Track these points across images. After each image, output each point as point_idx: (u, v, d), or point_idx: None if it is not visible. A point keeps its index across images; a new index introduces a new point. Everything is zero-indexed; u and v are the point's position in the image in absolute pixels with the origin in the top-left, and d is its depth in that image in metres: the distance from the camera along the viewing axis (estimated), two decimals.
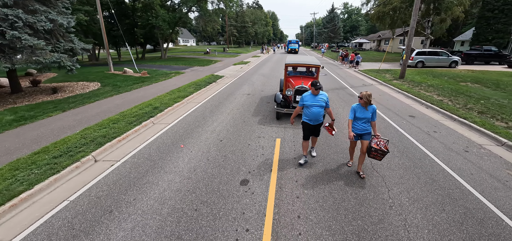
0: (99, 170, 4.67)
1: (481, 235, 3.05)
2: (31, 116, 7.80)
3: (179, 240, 2.95)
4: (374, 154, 4.02)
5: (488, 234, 3.08)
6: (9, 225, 3.34)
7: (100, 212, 3.49)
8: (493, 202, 3.69)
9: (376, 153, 3.99)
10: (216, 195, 3.77)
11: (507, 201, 3.71)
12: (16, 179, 4.21)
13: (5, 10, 8.54)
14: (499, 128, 6.56)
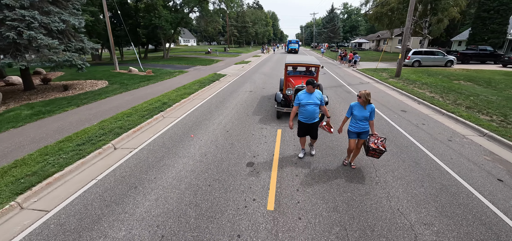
0: (119, 155, 5.23)
1: (452, 205, 3.61)
2: (48, 111, 8.36)
3: (197, 207, 3.50)
4: (372, 153, 4.09)
5: (459, 204, 3.64)
6: (49, 198, 3.90)
7: (126, 187, 4.05)
8: (467, 180, 4.25)
9: (374, 152, 4.07)
10: (226, 174, 4.33)
11: (479, 180, 4.26)
12: (48, 162, 4.76)
13: (22, 12, 9.09)
14: (483, 120, 7.12)
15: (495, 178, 4.33)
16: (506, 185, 4.15)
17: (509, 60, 20.92)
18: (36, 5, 9.74)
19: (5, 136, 6.34)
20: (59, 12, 10.55)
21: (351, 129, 4.24)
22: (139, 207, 3.55)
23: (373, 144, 4.03)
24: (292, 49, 42.21)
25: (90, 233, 3.12)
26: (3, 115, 8.14)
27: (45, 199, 3.87)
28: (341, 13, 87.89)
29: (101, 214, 3.44)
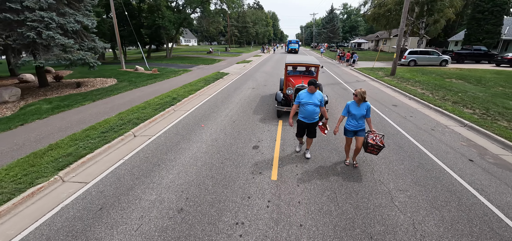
0: (140, 141, 5.93)
1: (425, 177, 4.31)
2: (66, 105, 9.06)
3: (212, 179, 4.21)
4: (371, 149, 4.19)
5: (431, 177, 4.34)
6: (85, 174, 4.59)
7: (150, 165, 4.76)
8: (442, 160, 4.95)
9: (372, 148, 4.16)
10: (235, 154, 5.04)
11: (452, 160, 4.96)
12: (79, 146, 5.46)
13: (41, 13, 9.80)
14: (466, 113, 7.83)
15: (467, 159, 5.04)
16: (475, 164, 4.85)
17: (502, 59, 21.65)
18: (53, 7, 10.44)
19: (33, 125, 7.04)
20: (73, 14, 11.25)
21: (348, 127, 4.33)
22: (164, 179, 4.26)
23: (372, 140, 4.14)
24: (292, 49, 42.72)
25: (126, 197, 3.82)
26: (26, 109, 8.85)
27: (82, 174, 4.57)
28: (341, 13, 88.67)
29: (133, 184, 4.14)
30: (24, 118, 7.61)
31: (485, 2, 25.45)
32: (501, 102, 9.33)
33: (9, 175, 4.32)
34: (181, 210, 3.46)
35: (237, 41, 71.45)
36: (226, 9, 35.94)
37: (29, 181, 4.14)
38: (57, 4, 10.53)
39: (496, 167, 4.75)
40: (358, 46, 61.87)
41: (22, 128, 6.91)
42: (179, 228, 3.15)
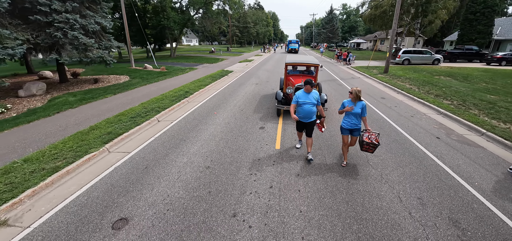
0: (164, 125, 7.05)
1: (398, 149, 5.42)
2: (91, 97, 10.18)
3: (229, 148, 5.34)
4: (366, 147, 4.27)
5: (402, 148, 5.45)
6: (126, 147, 5.70)
7: (177, 140, 5.88)
8: (414, 137, 6.07)
9: (368, 146, 4.25)
10: (245, 133, 6.17)
11: (423, 137, 6.08)
12: (115, 127, 6.58)
13: (67, 15, 10.92)
14: (444, 104, 8.96)
15: (434, 137, 6.17)
16: (440, 140, 5.98)
17: (491, 58, 22.78)
18: (76, 10, 11.57)
19: (68, 113, 8.17)
20: (93, 16, 12.38)
21: (344, 125, 4.45)
22: (191, 149, 5.38)
23: (367, 138, 4.24)
24: (292, 49, 43.51)
25: (164, 160, 4.95)
26: (55, 101, 9.97)
27: (123, 147, 5.69)
28: (340, 13, 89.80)
29: (167, 152, 5.27)
30: (57, 108, 8.73)
31: (477, 4, 26.57)
32: (479, 95, 10.45)
33: (66, 146, 5.45)
34: (208, 167, 4.59)
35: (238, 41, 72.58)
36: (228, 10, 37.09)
37: (84, 150, 5.26)
38: (79, 7, 11.66)
39: (457, 142, 5.88)
40: (357, 46, 63.04)
41: (59, 115, 8.03)
42: (208, 177, 4.28)
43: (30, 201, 3.85)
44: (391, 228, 3.17)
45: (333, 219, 3.32)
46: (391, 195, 3.81)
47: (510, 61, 22.20)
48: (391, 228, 3.16)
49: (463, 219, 3.35)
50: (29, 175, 4.32)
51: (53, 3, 10.55)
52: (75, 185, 4.21)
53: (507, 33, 28.51)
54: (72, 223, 3.32)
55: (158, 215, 3.41)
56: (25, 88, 11.08)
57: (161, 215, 3.40)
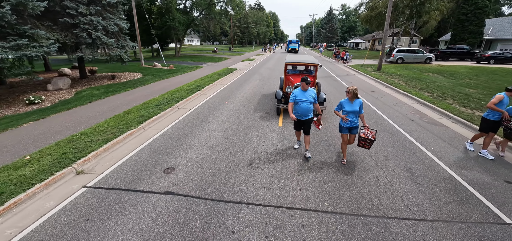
0: (184, 111, 8.36)
1: (379, 129, 6.73)
2: (113, 91, 11.48)
3: (241, 127, 6.65)
4: (362, 143, 4.39)
5: (382, 128, 6.76)
6: (157, 126, 7.01)
7: (198, 121, 7.20)
8: (392, 119, 7.38)
9: (364, 142, 4.35)
10: (253, 116, 7.49)
11: (399, 119, 7.39)
12: (144, 112, 7.88)
13: (91, 18, 12.24)
14: (425, 95, 10.26)
15: (409, 119, 7.48)
16: (414, 122, 7.29)
17: (481, 57, 24.11)
18: (99, 13, 12.89)
19: (99, 102, 9.48)
20: (112, 18, 13.70)
21: (343, 124, 4.51)
22: (211, 127, 6.70)
23: (364, 134, 4.36)
24: (292, 49, 44.44)
25: (190, 134, 6.26)
26: (81, 94, 11.28)
27: (155, 127, 7.00)
28: (340, 13, 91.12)
29: (192, 129, 6.59)
30: (87, 99, 10.04)
31: (468, 5, 27.89)
32: (459, 89, 11.75)
33: (110, 125, 6.76)
34: (226, 138, 5.92)
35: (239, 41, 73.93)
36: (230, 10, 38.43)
37: (125, 128, 6.57)
38: (101, 10, 12.99)
39: (427, 123, 7.19)
40: (356, 46, 64.36)
41: (91, 104, 9.34)
42: (228, 143, 5.60)
43: (95, 159, 5.17)
44: (361, 170, 4.49)
45: (322, 166, 4.63)
46: (364, 154, 5.13)
47: (498, 59, 23.53)
48: (361, 171, 4.48)
49: (414, 168, 4.67)
50: (89, 143, 5.63)
51: (79, 6, 11.88)
52: (126, 150, 5.52)
53: (498, 33, 29.84)
54: (134, 170, 4.63)
55: (195, 165, 4.73)
56: (53, 83, 12.40)
57: (198, 165, 4.73)
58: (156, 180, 4.27)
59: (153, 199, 3.77)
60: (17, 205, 3.78)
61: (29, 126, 7.04)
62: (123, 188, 4.09)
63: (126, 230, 3.16)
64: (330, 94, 10.72)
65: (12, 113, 8.81)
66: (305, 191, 3.92)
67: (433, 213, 3.46)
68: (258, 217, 3.34)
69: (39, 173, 4.40)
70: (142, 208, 3.58)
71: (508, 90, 4.88)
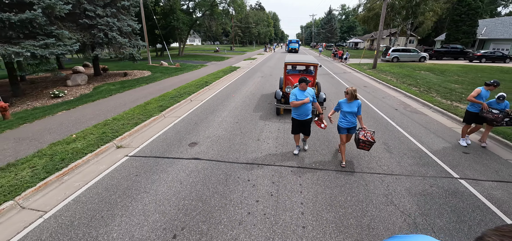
0: (196, 103, 9.44)
1: (365, 115, 7.81)
2: (128, 86, 12.55)
3: (248, 113, 7.74)
4: (362, 145, 4.35)
5: (369, 115, 7.84)
6: (176, 114, 8.09)
7: (210, 110, 8.28)
8: (379, 109, 8.46)
9: (364, 144, 4.32)
10: (258, 106, 8.57)
11: (386, 109, 8.47)
12: (162, 103, 8.96)
13: (108, 19, 13.33)
14: (412, 90, 11.33)
15: (394, 109, 8.56)
16: (398, 111, 8.37)
17: (473, 56, 25.18)
18: (114, 14, 13.98)
19: (119, 95, 10.56)
20: (125, 19, 14.79)
21: (341, 125, 4.54)
22: (222, 114, 7.79)
23: (363, 136, 4.31)
24: (293, 49, 45.22)
25: (205, 119, 7.34)
26: (99, 89, 12.35)
27: (173, 114, 8.08)
28: (339, 14, 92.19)
29: (206, 116, 7.68)
30: (107, 93, 11.11)
31: (462, 6, 28.96)
32: (445, 85, 12.81)
33: (135, 113, 7.84)
34: (237, 122, 7.01)
35: (240, 40, 75.01)
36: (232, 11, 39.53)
37: (148, 115, 7.65)
38: (116, 12, 14.07)
39: (409, 112, 8.27)
40: (355, 46, 65.43)
41: (112, 97, 10.42)
42: (238, 126, 6.69)
43: (129, 138, 6.25)
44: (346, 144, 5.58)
45: (315, 140, 5.71)
46: None
47: (489, 58, 24.61)
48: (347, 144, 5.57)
49: (391, 143, 5.75)
50: (121, 126, 6.71)
51: (97, 9, 12.97)
52: (153, 131, 6.61)
53: (491, 33, 30.90)
54: (164, 145, 5.72)
55: (213, 141, 5.82)
56: (72, 79, 13.49)
57: (215, 141, 5.81)
58: (184, 151, 5.36)
59: (184, 163, 4.85)
60: (78, 167, 4.86)
61: (63, 114, 8.13)
62: (158, 156, 5.18)
63: (168, 180, 4.25)
64: (327, 90, 11.80)
65: (40, 105, 9.88)
66: (302, 157, 5.00)
67: (399, 170, 4.55)
68: (266, 172, 4.43)
69: (88, 146, 5.49)
70: (177, 168, 4.67)
71: (486, 84, 5.33)
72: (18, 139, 6.05)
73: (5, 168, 4.63)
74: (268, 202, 3.67)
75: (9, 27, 9.32)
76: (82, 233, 3.15)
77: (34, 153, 5.21)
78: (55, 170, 4.56)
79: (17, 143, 5.84)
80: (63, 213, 3.56)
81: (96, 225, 3.27)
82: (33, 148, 5.49)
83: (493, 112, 5.20)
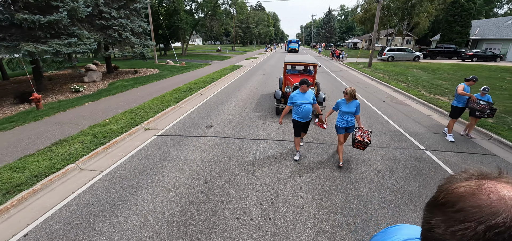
0: (206, 96, 10.55)
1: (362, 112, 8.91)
2: (141, 82, 13.66)
3: (253, 103, 8.85)
4: (358, 145, 4.38)
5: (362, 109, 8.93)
6: (189, 105, 9.19)
7: (220, 101, 9.40)
8: (368, 101, 9.57)
9: (359, 144, 4.34)
10: (262, 96, 9.69)
11: (374, 101, 9.58)
12: (176, 96, 10.06)
13: (122, 20, 14.44)
14: (401, 85, 12.45)
15: (381, 101, 9.68)
16: (385, 102, 9.49)
17: (465, 55, 26.30)
18: (127, 16, 15.08)
19: (135, 90, 11.66)
20: (137, 21, 15.90)
21: (339, 124, 4.55)
22: (230, 104, 8.91)
23: (359, 136, 4.34)
24: (292, 48, 45.70)
25: (217, 109, 8.45)
26: (114, 85, 13.44)
27: (187, 105, 9.17)
28: (339, 14, 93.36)
29: (217, 106, 8.80)
30: (123, 88, 12.21)
31: (455, 8, 30.09)
32: (433, 81, 13.93)
33: (154, 103, 8.94)
34: (244, 110, 8.13)
35: (241, 40, 76.15)
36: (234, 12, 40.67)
37: (167, 105, 8.75)
38: (129, 14, 15.19)
39: (395, 103, 9.39)
40: (354, 46, 66.56)
41: (129, 91, 11.51)
42: (246, 113, 7.81)
43: (154, 122, 7.36)
44: None
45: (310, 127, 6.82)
46: None
47: (480, 57, 25.75)
48: None
49: (374, 125, 6.86)
50: (145, 113, 7.82)
51: (112, 11, 14.08)
52: (173, 118, 7.72)
53: (484, 33, 32.04)
54: (184, 127, 6.83)
55: (226, 124, 6.93)
56: (88, 75, 14.60)
57: (227, 124, 6.93)
58: (202, 131, 6.48)
59: (204, 139, 5.97)
60: (117, 143, 5.97)
61: (90, 104, 9.24)
62: (182, 134, 6.29)
63: (193, 150, 5.36)
64: (324, 86, 12.91)
65: (63, 98, 10.96)
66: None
67: (377, 144, 5.67)
68: (271, 144, 5.56)
69: (121, 128, 6.59)
70: (198, 142, 5.78)
71: (466, 80, 5.75)
72: (59, 123, 7.16)
73: (59, 143, 5.74)
74: (273, 163, 4.78)
75: (38, 27, 10.42)
76: (136, 182, 4.26)
77: (78, 132, 6.32)
78: (100, 144, 5.67)
79: (60, 126, 6.95)
80: (116, 171, 4.67)
81: (145, 178, 4.39)
82: (75, 130, 6.59)
83: (480, 103, 5.50)
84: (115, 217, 3.42)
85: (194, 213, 3.44)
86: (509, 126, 6.64)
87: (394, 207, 3.57)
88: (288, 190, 3.97)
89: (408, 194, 3.89)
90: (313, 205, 3.60)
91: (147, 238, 3.04)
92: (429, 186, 4.11)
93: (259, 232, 3.12)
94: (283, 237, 3.04)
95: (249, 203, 3.64)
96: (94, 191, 4.08)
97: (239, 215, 3.40)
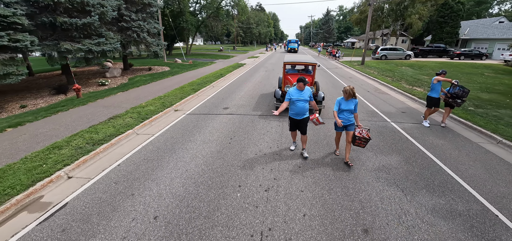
0: (217, 88, 12.33)
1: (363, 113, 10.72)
2: (157, 77, 15.42)
3: (258, 94, 10.65)
4: (358, 142, 4.53)
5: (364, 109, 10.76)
6: (205, 94, 10.97)
7: (230, 92, 11.19)
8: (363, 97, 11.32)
9: (359, 141, 4.49)
10: (265, 90, 11.49)
11: (360, 91, 11.38)
12: (192, 88, 11.85)
13: (140, 22, 16.22)
14: (386, 79, 14.26)
15: (367, 91, 11.48)
16: (369, 92, 11.29)
17: (453, 54, 28.13)
18: (144, 19, 16.87)
19: (154, 83, 13.43)
20: (152, 23, 17.69)
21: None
22: (239, 94, 10.70)
23: (359, 133, 4.44)
24: (292, 48, 46.37)
25: (228, 98, 10.24)
26: (133, 80, 15.20)
27: (203, 95, 10.95)
28: (337, 14, 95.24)
29: (228, 95, 10.60)
30: (143, 82, 13.98)
31: (445, 9, 31.93)
32: (416, 76, 15.73)
33: (176, 92, 10.72)
34: (252, 97, 9.94)
35: (242, 40, 77.96)
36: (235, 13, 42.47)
37: (187, 94, 10.52)
38: (146, 17, 16.98)
39: (377, 93, 11.19)
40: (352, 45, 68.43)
41: (150, 84, 13.27)
42: (253, 99, 9.61)
43: (180, 106, 9.14)
44: (325, 111, 8.48)
45: None
46: (330, 104, 9.13)
47: (467, 56, 27.58)
48: (325, 110, 8.47)
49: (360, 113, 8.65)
50: (172, 99, 9.60)
51: (131, 14, 15.87)
52: (194, 103, 9.51)
53: (473, 33, 33.90)
54: (206, 108, 8.61)
55: (239, 106, 8.73)
56: (109, 71, 16.37)
57: (240, 106, 8.73)
58: (221, 111, 8.28)
59: (223, 116, 7.77)
60: (156, 120, 7.75)
61: (122, 94, 11.01)
62: (206, 113, 8.09)
63: (217, 122, 7.16)
64: (320, 82, 14.72)
65: (93, 90, 12.72)
66: None
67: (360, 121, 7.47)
68: (275, 118, 7.38)
69: (157, 109, 8.37)
70: (220, 118, 7.58)
71: (437, 74, 6.52)
72: (104, 106, 8.94)
73: (114, 118, 7.52)
74: (277, 130, 6.59)
75: (74, 29, 12.20)
76: (181, 139, 6.05)
77: (124, 112, 8.10)
78: (146, 119, 7.46)
79: (106, 108, 8.73)
80: (163, 136, 6.46)
81: (188, 136, 6.18)
82: (121, 111, 8.37)
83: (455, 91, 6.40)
84: (175, 155, 5.23)
85: (227, 153, 5.26)
86: (463, 106, 8.46)
87: (361, 152, 5.38)
88: (289, 140, 5.78)
89: (371, 144, 5.70)
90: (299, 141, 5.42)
91: (200, 164, 4.84)
92: (388, 141, 5.92)
93: (270, 159, 4.95)
94: (282, 157, 4.86)
95: (262, 147, 5.48)
96: (153, 144, 5.88)
97: (257, 152, 5.23)
